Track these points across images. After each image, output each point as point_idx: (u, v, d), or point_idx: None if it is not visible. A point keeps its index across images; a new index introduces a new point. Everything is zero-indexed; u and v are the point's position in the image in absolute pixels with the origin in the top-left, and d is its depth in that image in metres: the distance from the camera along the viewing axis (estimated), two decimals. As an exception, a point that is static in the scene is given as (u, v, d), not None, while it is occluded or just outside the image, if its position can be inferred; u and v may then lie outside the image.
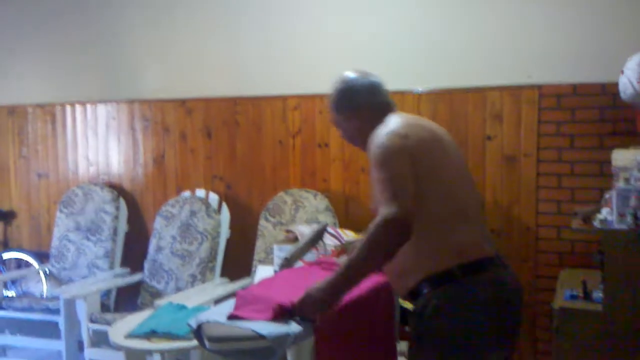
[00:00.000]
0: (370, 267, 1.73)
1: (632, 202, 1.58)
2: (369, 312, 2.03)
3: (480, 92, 3.20)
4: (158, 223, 3.85)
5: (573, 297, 2.52)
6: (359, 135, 1.95)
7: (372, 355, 2.06)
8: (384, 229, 1.62)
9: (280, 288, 2.00)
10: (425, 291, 1.73)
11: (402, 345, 2.30)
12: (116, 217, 4.01)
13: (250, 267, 3.56)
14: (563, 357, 2.47)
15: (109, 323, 3.27)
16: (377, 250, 1.66)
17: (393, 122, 1.83)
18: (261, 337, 1.76)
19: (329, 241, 2.68)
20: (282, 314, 1.81)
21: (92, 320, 3.42)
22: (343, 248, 2.58)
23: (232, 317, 1.88)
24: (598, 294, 2.44)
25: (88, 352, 3.42)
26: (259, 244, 3.57)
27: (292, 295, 1.86)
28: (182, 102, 3.98)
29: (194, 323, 1.92)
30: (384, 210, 1.63)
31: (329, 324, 1.84)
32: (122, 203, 4.08)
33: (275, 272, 2.45)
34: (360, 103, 1.95)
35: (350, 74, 2.00)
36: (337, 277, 1.72)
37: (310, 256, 2.53)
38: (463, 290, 1.70)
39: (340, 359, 1.93)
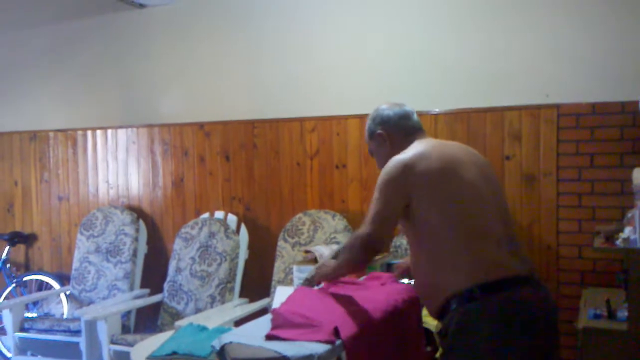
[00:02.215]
0: (345, 271, 2.12)
1: (657, 220, 1.57)
2: (399, 328, 2.03)
3: (498, 112, 3.21)
4: (177, 244, 3.87)
5: (597, 316, 2.49)
6: (386, 158, 2.01)
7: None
8: (355, 245, 1.95)
9: (317, 309, 2.01)
10: (451, 308, 1.75)
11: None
12: (136, 239, 4.04)
13: (269, 288, 3.56)
14: (588, 377, 2.43)
15: (129, 344, 3.29)
16: (350, 260, 2.01)
17: (408, 151, 1.94)
18: (285, 358, 1.76)
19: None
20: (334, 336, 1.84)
21: (112, 342, 3.44)
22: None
23: (270, 337, 1.89)
24: (622, 313, 2.41)
25: (109, 373, 3.43)
26: (278, 265, 3.58)
27: (329, 315, 1.87)
28: (201, 126, 4.03)
29: (217, 344, 1.92)
30: (360, 229, 1.92)
31: (360, 341, 1.84)
32: (142, 225, 4.12)
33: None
34: (390, 129, 2.08)
35: (383, 105, 2.15)
36: (325, 271, 2.16)
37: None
38: (483, 309, 1.71)
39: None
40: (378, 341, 1.93)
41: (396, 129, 2.08)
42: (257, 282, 3.75)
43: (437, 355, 2.40)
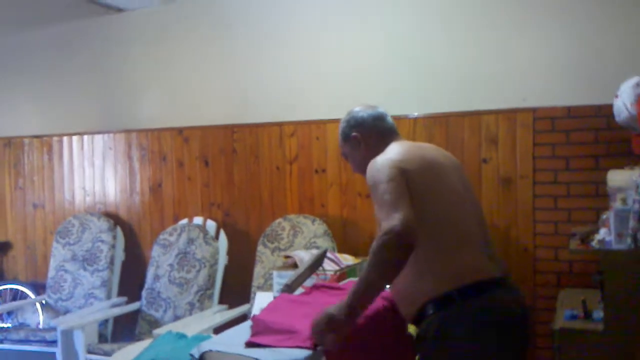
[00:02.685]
0: (380, 281, 1.71)
1: (631, 223, 1.59)
2: (382, 334, 2.02)
3: (475, 116, 3.24)
4: (155, 251, 3.83)
5: (573, 317, 2.52)
6: (361, 161, 2.01)
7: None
8: (387, 241, 1.63)
9: (297, 315, 1.99)
10: (428, 314, 1.74)
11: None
12: (113, 247, 3.99)
13: (249, 294, 3.54)
14: (565, 377, 2.46)
15: (106, 354, 3.25)
16: (383, 263, 1.66)
17: (390, 150, 1.91)
18: (264, 365, 1.75)
19: (329, 266, 2.68)
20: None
21: (89, 351, 3.38)
22: (343, 273, 2.58)
23: (250, 344, 1.87)
24: (598, 314, 2.44)
25: (86, 383, 3.38)
26: (257, 270, 3.56)
27: (309, 321, 1.86)
28: (179, 131, 4.00)
29: (196, 353, 1.90)
30: (385, 224, 1.66)
31: (340, 346, 1.82)
32: (119, 232, 4.07)
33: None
34: (365, 131, 2.04)
35: (357, 107, 2.12)
36: (351, 296, 1.71)
37: (310, 282, 2.52)
38: (462, 313, 1.70)
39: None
40: (359, 347, 1.92)
41: (371, 131, 2.04)
42: (236, 288, 3.72)
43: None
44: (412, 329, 1.90)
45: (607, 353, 2.35)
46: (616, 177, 2.48)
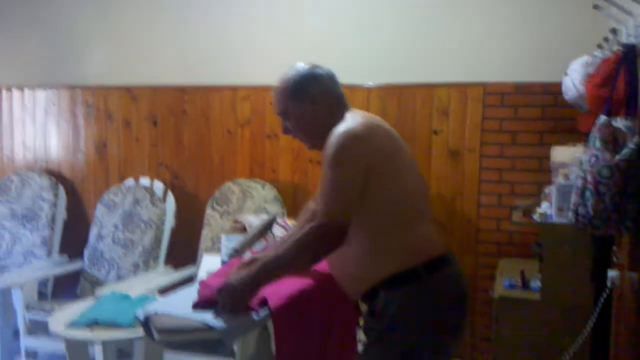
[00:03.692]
0: (296, 267, 1.77)
1: (572, 198, 1.64)
2: (329, 300, 2.04)
3: (428, 88, 3.26)
4: (99, 211, 3.74)
5: (512, 286, 2.62)
6: (312, 126, 1.85)
7: (332, 341, 2.07)
8: (319, 234, 1.67)
9: None
10: (383, 292, 1.72)
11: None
12: (54, 205, 3.87)
13: (196, 256, 3.52)
14: (502, 342, 2.58)
15: (47, 312, 3.18)
16: (308, 253, 1.71)
17: (354, 122, 1.76)
18: (211, 328, 1.75)
19: (278, 232, 2.68)
20: (260, 306, 1.81)
21: (29, 309, 3.31)
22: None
23: (196, 307, 1.86)
24: (535, 283, 2.55)
25: (24, 340, 3.31)
26: (205, 233, 3.54)
27: None
28: (128, 89, 3.88)
29: (141, 315, 1.88)
30: (323, 214, 1.67)
31: (288, 311, 1.84)
32: (61, 190, 3.94)
33: (224, 262, 2.43)
34: (325, 90, 1.84)
35: (309, 63, 1.89)
36: (260, 270, 1.73)
37: (259, 247, 2.52)
38: (429, 288, 1.71)
39: (302, 347, 1.93)
40: (306, 312, 1.94)
41: (329, 92, 1.84)
42: (183, 250, 3.68)
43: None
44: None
45: (543, 321, 2.47)
46: (560, 153, 2.56)
